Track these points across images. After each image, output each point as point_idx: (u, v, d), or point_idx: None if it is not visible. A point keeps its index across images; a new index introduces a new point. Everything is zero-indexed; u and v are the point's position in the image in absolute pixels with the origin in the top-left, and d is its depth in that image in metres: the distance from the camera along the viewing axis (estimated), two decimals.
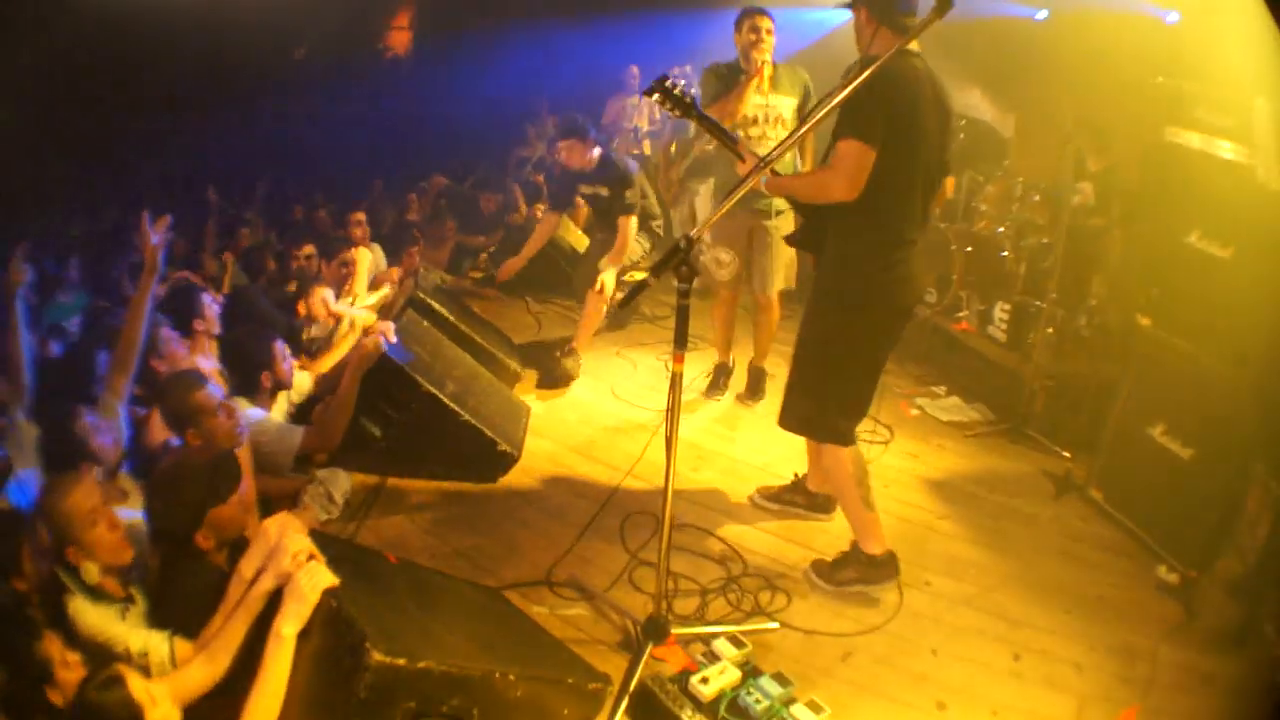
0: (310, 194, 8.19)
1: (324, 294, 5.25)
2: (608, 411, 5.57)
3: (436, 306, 5.42)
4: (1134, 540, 4.35)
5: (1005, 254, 6.23)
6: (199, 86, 9.04)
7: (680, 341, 3.06)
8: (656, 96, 3.89)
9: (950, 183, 3.77)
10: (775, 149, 3.10)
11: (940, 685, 3.37)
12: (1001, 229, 6.40)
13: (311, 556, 2.47)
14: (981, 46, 3.97)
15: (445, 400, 4.42)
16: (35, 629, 2.28)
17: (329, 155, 8.96)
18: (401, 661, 2.20)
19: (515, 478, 4.65)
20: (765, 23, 5.01)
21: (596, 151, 5.94)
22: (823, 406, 3.74)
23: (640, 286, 3.27)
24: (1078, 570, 4.18)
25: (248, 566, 2.53)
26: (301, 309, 5.24)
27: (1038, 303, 5.60)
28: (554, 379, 5.82)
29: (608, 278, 5.82)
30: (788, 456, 4.98)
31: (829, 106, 3.01)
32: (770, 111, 5.10)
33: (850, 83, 2.94)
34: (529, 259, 6.53)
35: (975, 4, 8.00)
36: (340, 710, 2.20)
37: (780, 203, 5.17)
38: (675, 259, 2.92)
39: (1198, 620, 3.81)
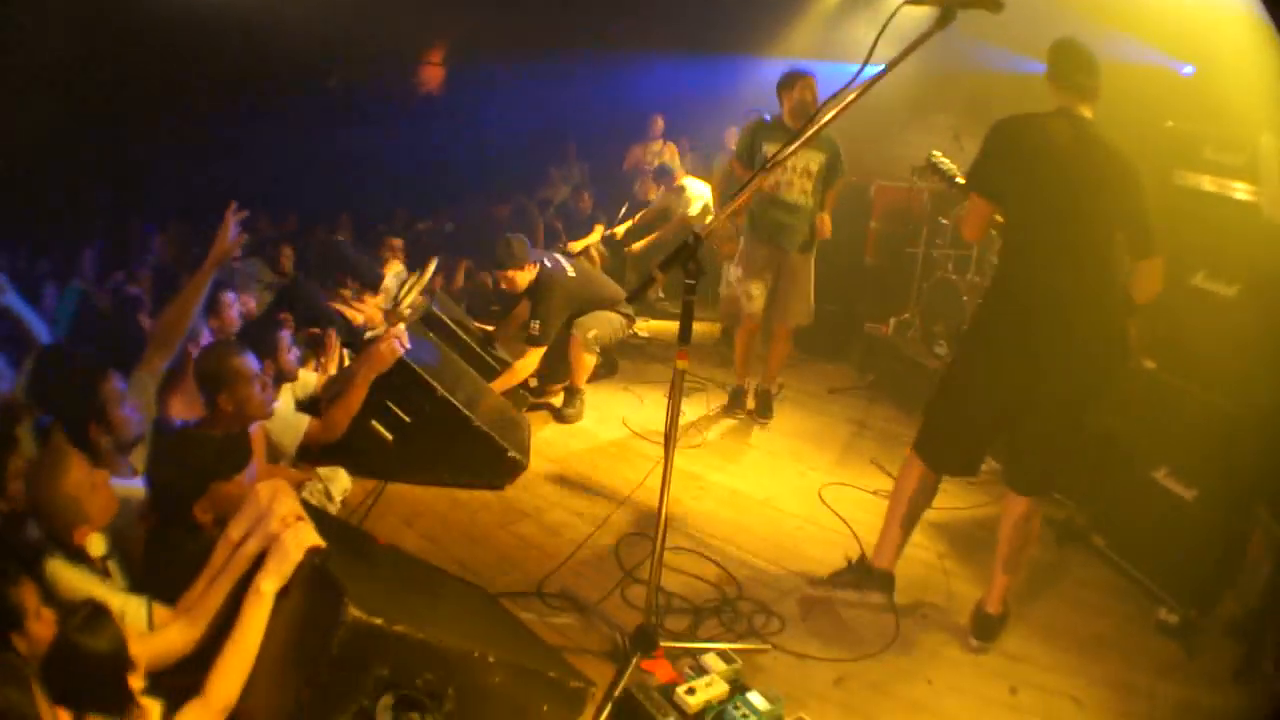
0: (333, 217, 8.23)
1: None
2: (613, 440, 5.52)
3: (449, 322, 5.41)
4: (1135, 584, 4.24)
5: None
6: (231, 104, 9.15)
7: (684, 337, 3.02)
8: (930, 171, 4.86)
9: (1148, 266, 3.36)
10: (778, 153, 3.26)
11: (935, 714, 3.25)
12: None
13: (300, 519, 2.40)
14: (1000, 100, 4.02)
15: (459, 405, 4.41)
16: (11, 574, 2.18)
17: (354, 182, 9.01)
18: (378, 621, 2.12)
19: (515, 493, 4.60)
20: (814, 84, 5.46)
21: (531, 274, 5.77)
22: (926, 411, 3.84)
23: (648, 282, 3.28)
24: (1077, 612, 4.06)
25: (235, 529, 2.47)
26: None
27: None
28: (560, 418, 5.76)
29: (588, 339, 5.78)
30: (790, 490, 4.95)
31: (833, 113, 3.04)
32: (799, 162, 5.52)
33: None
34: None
35: (989, 59, 8.20)
36: (311, 667, 2.11)
37: (806, 237, 5.66)
38: (684, 255, 2.89)
39: (1197, 659, 3.71)
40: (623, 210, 9.11)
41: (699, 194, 8.45)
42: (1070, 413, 3.46)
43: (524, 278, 5.68)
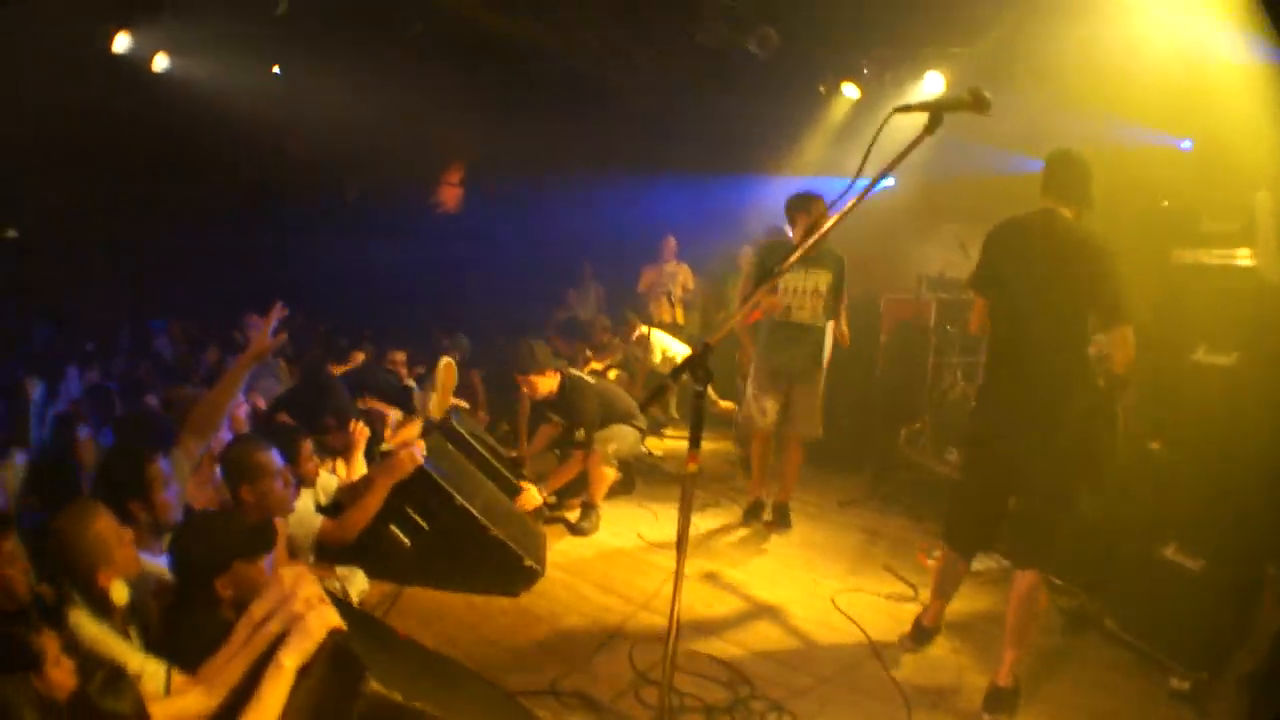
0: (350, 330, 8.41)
1: None
2: (627, 551, 5.56)
3: (467, 435, 5.54)
4: (1146, 659, 4.29)
5: None
6: (249, 208, 9.44)
7: (695, 441, 3.10)
8: None
9: (1121, 334, 3.61)
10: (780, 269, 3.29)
11: None
12: None
13: (323, 601, 2.48)
14: (1005, 202, 4.21)
15: (476, 514, 4.50)
16: (33, 621, 2.25)
17: (368, 295, 9.20)
18: (397, 696, 2.19)
19: (530, 599, 4.64)
20: (824, 205, 5.67)
21: (556, 381, 5.96)
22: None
23: (659, 390, 3.44)
24: (1091, 692, 4.10)
25: (259, 608, 2.55)
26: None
27: None
28: (576, 531, 5.80)
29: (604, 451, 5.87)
30: (803, 597, 4.96)
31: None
32: (807, 284, 5.79)
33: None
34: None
35: (991, 163, 8.51)
36: None
37: (817, 355, 5.92)
38: (695, 363, 3.01)
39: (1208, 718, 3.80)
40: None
41: (661, 344, 8.62)
42: (1058, 489, 3.71)
43: (545, 384, 5.83)
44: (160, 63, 9.16)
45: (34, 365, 6.00)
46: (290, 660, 2.33)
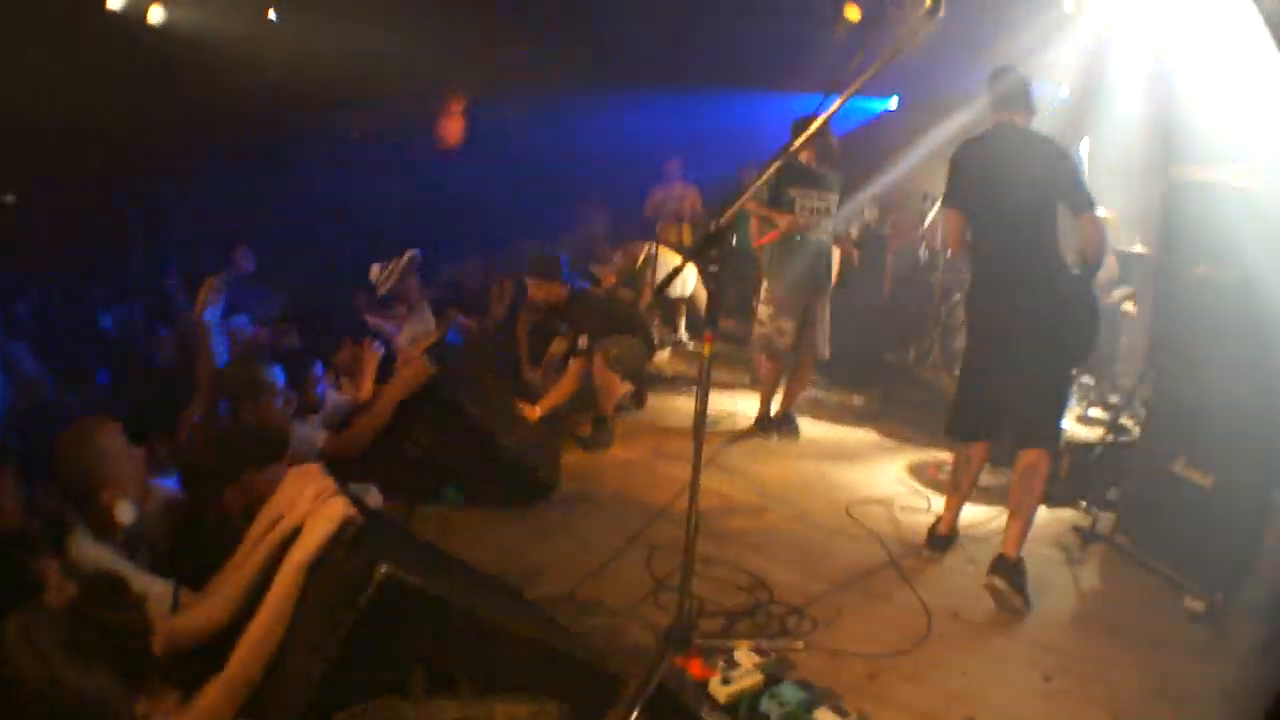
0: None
1: None
2: (641, 465, 5.49)
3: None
4: (1161, 578, 4.24)
5: None
6: (253, 150, 9.32)
7: (712, 322, 3.05)
8: None
9: (1088, 220, 3.92)
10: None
11: (970, 701, 3.17)
12: None
13: (335, 494, 2.37)
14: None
15: (488, 426, 4.44)
16: (35, 545, 2.15)
17: (377, 230, 9.04)
18: (414, 580, 2.09)
19: (545, 512, 4.58)
20: (829, 129, 5.68)
21: (564, 291, 5.87)
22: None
23: (675, 271, 3.36)
24: (1106, 605, 4.11)
25: (267, 513, 2.44)
26: None
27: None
28: (589, 445, 5.69)
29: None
30: (819, 507, 4.94)
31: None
32: (818, 203, 5.87)
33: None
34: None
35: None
36: (339, 629, 2.04)
37: (828, 273, 6.03)
38: (711, 243, 2.93)
39: (1227, 641, 3.72)
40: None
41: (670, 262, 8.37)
42: (1052, 368, 4.05)
43: (557, 291, 5.79)
44: (156, 14, 8.97)
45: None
46: (300, 554, 2.20)
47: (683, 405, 6.77)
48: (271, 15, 9.77)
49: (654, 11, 9.78)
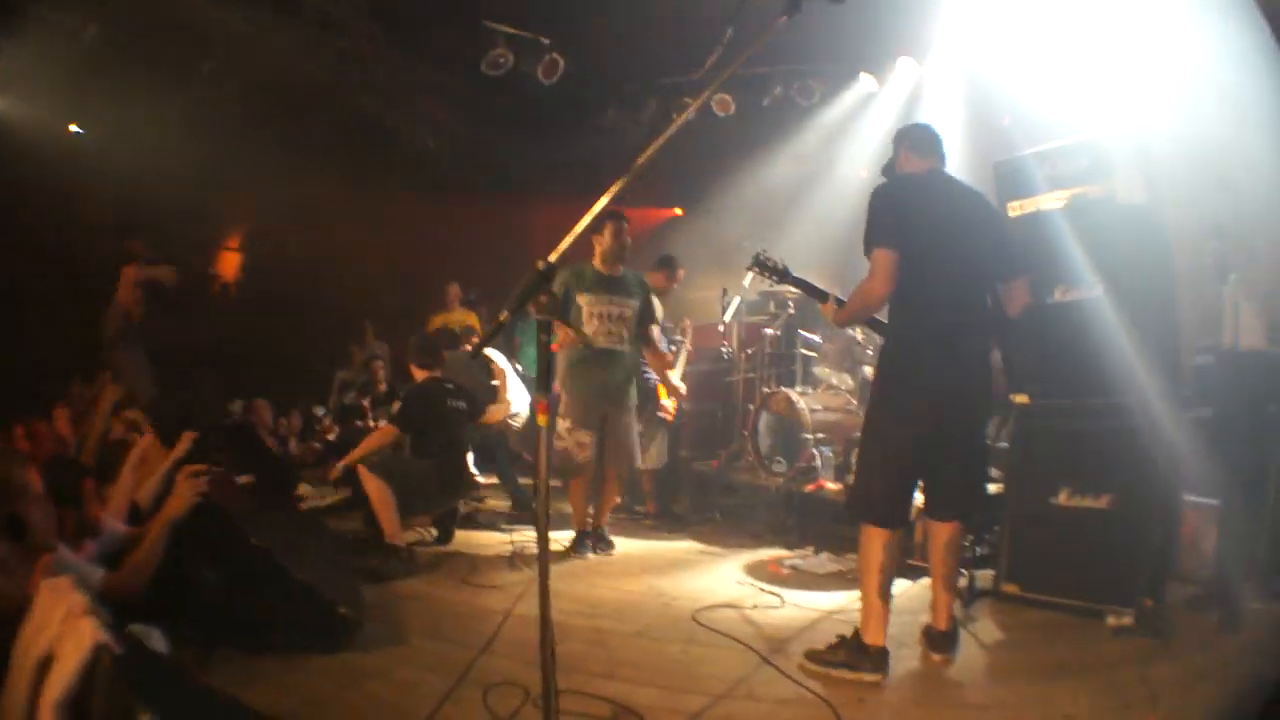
0: None
1: None
2: (453, 599, 4.74)
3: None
4: (1065, 610, 4.16)
5: (852, 404, 6.10)
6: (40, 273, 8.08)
7: (544, 385, 2.51)
8: (757, 269, 4.56)
9: (1023, 285, 3.76)
10: None
11: None
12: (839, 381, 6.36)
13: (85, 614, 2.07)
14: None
15: (279, 559, 3.66)
16: None
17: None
18: None
19: (353, 654, 3.72)
20: (625, 225, 5.53)
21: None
22: (856, 481, 3.80)
23: (499, 327, 2.75)
24: (1025, 650, 3.91)
25: (30, 629, 2.19)
26: None
27: None
28: (378, 575, 4.95)
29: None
30: (661, 620, 4.39)
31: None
32: (612, 310, 5.52)
33: None
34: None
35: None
36: None
37: (628, 382, 5.67)
38: (535, 289, 2.40)
39: (1170, 640, 3.74)
40: None
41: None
42: (978, 433, 3.74)
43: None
44: None
45: None
46: (53, 691, 1.90)
47: (489, 539, 6.13)
48: (74, 128, 8.81)
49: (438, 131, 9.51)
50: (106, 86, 7.76)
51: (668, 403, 6.64)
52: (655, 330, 5.76)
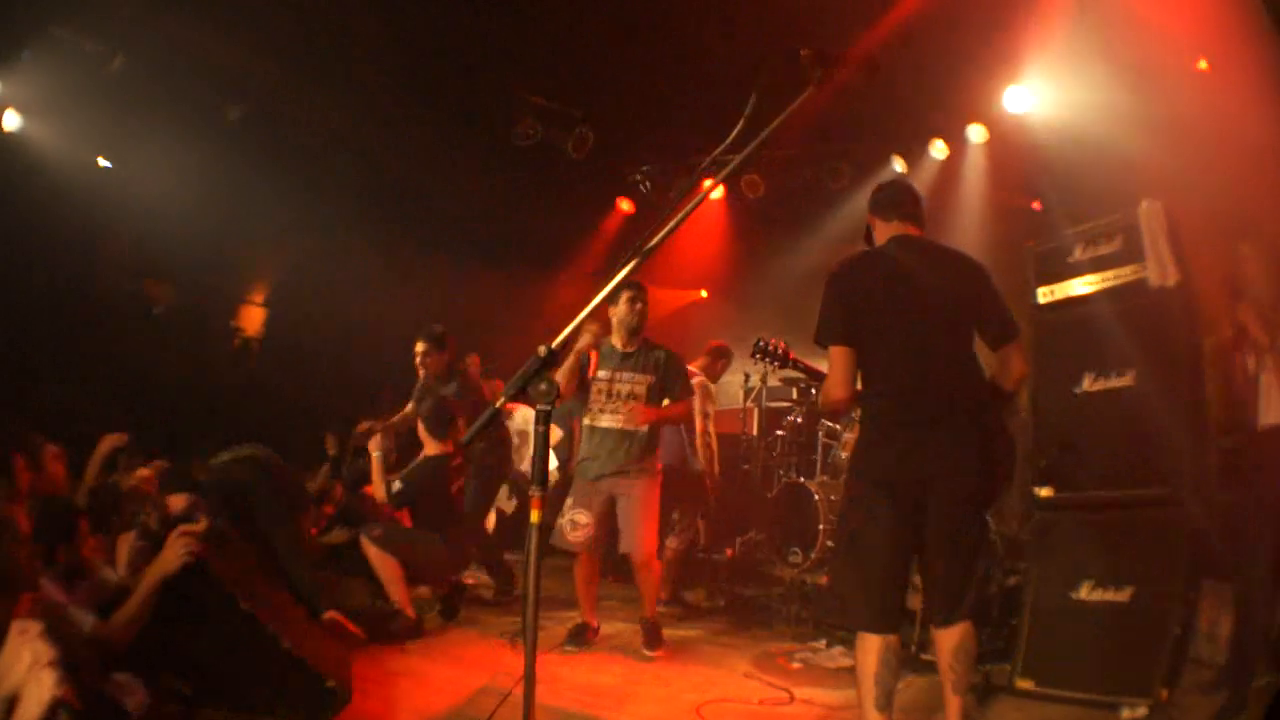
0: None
1: None
2: (447, 678, 4.54)
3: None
4: (1078, 704, 3.97)
5: None
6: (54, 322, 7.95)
7: (539, 478, 2.22)
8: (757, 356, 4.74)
9: (1014, 350, 3.37)
10: None
11: None
12: None
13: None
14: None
15: (264, 622, 3.54)
16: None
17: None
18: None
19: None
20: (644, 295, 5.20)
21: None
22: (828, 583, 3.63)
23: (493, 415, 2.57)
24: None
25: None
26: None
27: None
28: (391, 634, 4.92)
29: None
30: (663, 713, 4.22)
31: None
32: (623, 387, 5.16)
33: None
34: None
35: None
36: None
37: (639, 460, 5.13)
38: (535, 374, 2.22)
39: None
40: None
41: None
42: (969, 522, 3.25)
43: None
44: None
45: None
46: None
47: (492, 618, 5.91)
48: (103, 161, 8.43)
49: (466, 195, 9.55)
50: (129, 121, 7.60)
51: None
52: (681, 407, 5.43)
